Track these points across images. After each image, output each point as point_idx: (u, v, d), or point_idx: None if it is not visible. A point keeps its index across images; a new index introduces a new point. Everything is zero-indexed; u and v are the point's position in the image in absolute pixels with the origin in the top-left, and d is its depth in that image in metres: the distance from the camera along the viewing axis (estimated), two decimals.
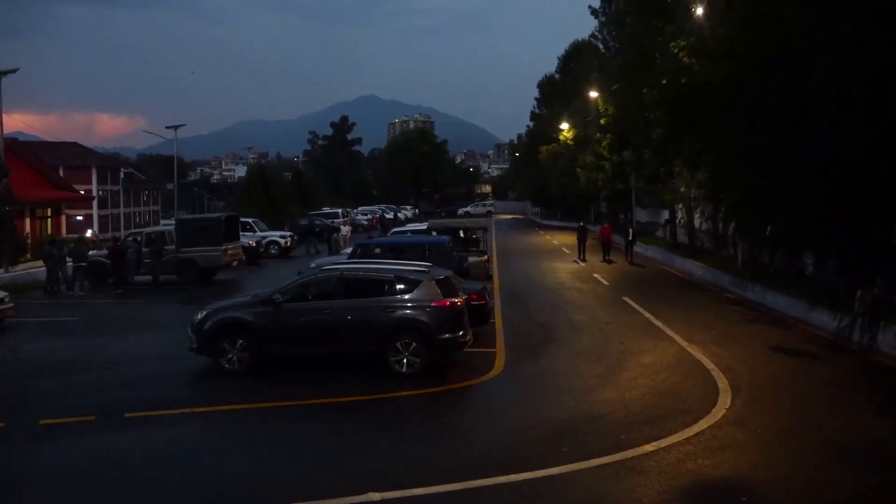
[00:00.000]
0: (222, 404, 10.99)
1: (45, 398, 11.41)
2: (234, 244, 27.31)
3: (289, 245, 35.54)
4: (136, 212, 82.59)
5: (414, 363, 12.04)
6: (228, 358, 12.33)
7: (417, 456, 8.72)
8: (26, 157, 41.18)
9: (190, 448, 9.17)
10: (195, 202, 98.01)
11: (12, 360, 14.41)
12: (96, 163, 74.46)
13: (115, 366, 13.58)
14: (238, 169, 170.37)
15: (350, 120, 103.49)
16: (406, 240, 21.65)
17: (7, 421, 10.08)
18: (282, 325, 12.31)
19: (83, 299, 22.68)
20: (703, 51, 20.25)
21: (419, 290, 12.24)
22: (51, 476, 8.18)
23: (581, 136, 51.26)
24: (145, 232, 28.05)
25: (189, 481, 7.99)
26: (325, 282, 12.89)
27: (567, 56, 64.59)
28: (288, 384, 11.91)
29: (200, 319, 12.63)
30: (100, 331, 17.33)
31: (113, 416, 10.21)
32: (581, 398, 11.06)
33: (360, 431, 9.77)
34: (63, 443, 9.32)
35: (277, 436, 9.69)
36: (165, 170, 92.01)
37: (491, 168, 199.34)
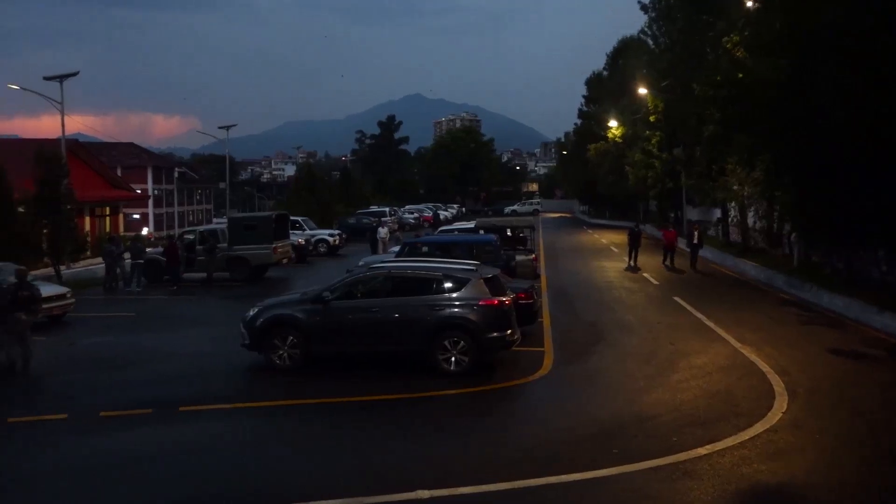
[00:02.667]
0: (272, 400, 11.16)
1: (103, 391, 11.75)
2: (284, 242, 27.73)
3: (337, 243, 35.94)
4: (189, 210, 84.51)
5: (461, 362, 12.04)
6: (279, 354, 12.52)
7: (464, 454, 8.70)
8: (86, 157, 42.52)
9: (241, 442, 9.33)
10: (246, 201, 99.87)
11: (72, 353, 14.89)
12: (152, 163, 76.44)
13: (169, 360, 13.92)
14: (287, 168, 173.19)
15: (397, 119, 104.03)
16: (453, 238, 21.66)
17: (69, 412, 10.42)
18: (330, 323, 12.44)
19: (140, 295, 23.34)
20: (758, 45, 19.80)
21: (467, 289, 12.23)
22: (111, 465, 8.42)
23: (630, 134, 50.60)
24: (199, 230, 28.71)
25: (239, 474, 8.13)
26: (373, 280, 12.99)
27: (615, 52, 63.76)
28: (336, 381, 12.03)
29: (252, 316, 12.86)
30: (155, 326, 17.78)
31: (168, 409, 10.46)
32: (631, 399, 10.90)
33: (407, 429, 9.81)
34: (121, 434, 9.59)
35: (325, 432, 9.80)
36: (218, 169, 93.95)
37: (538, 166, 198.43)
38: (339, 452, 8.86)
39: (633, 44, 56.15)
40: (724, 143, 26.30)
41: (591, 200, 77.83)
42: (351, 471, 8.20)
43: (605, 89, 63.71)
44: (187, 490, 7.67)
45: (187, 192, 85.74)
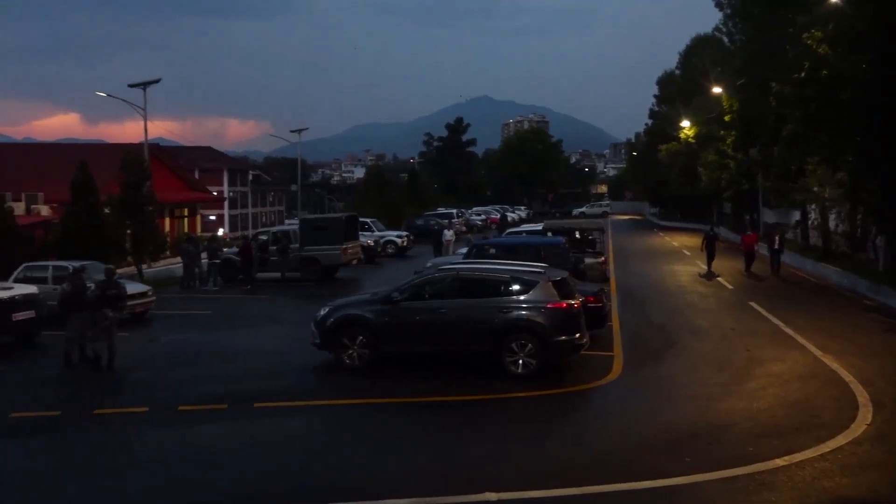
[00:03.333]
0: (341, 398, 11.35)
1: (181, 386, 12.20)
2: (354, 243, 28.17)
3: (405, 244, 36.28)
4: (262, 212, 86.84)
5: (529, 364, 11.97)
6: (348, 353, 12.72)
7: (532, 458, 8.65)
8: (166, 161, 44.24)
9: (312, 439, 9.54)
10: (316, 203, 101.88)
11: (153, 349, 15.51)
12: (227, 166, 78.94)
13: (244, 357, 14.33)
14: (356, 170, 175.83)
15: (464, 121, 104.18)
16: (521, 240, 21.56)
17: (150, 405, 10.86)
18: (399, 323, 12.56)
19: (216, 294, 24.12)
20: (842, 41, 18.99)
21: (535, 291, 12.15)
22: (189, 457, 8.75)
23: (703, 134, 49.24)
24: (272, 231, 29.47)
25: (309, 469, 8.31)
26: (441, 281, 13.06)
27: (688, 51, 62.22)
28: (404, 381, 12.14)
29: (323, 316, 13.11)
30: (230, 324, 18.34)
31: (243, 405, 10.77)
32: (704, 406, 10.61)
33: (474, 431, 9.82)
34: (198, 428, 9.95)
35: (393, 431, 9.90)
36: (289, 172, 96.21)
37: (607, 168, 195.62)
38: (407, 452, 8.94)
39: (707, 41, 54.69)
40: (804, 142, 25.31)
41: (661, 202, 76.20)
42: (418, 470, 8.27)
43: (678, 88, 62.22)
44: (260, 484, 7.87)
45: (261, 194, 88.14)
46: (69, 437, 9.86)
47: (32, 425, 10.25)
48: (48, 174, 35.80)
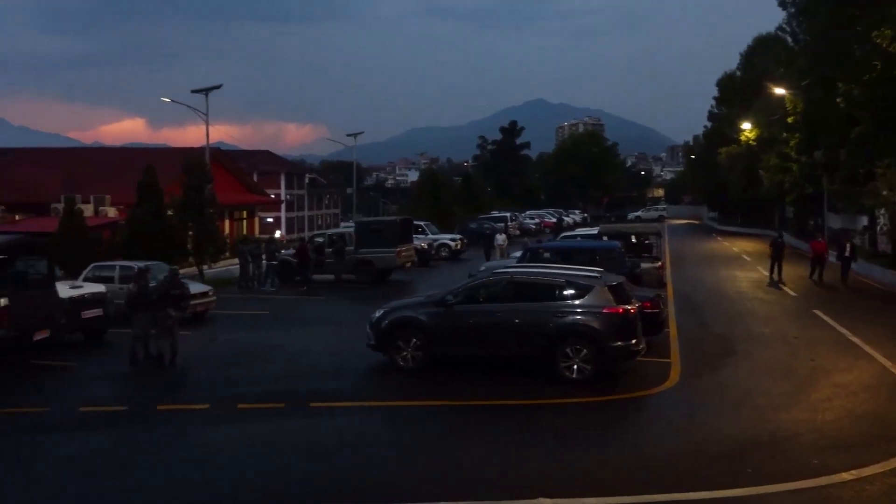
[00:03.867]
0: (396, 399, 11.43)
1: (240, 384, 12.46)
2: (408, 246, 28.34)
3: (458, 248, 36.34)
4: (318, 214, 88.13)
5: (584, 370, 11.84)
6: (402, 355, 12.80)
7: (586, 465, 8.55)
8: (226, 164, 45.35)
9: (366, 439, 9.61)
10: (371, 205, 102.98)
11: (213, 348, 15.89)
12: (285, 169, 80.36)
13: (300, 357, 14.57)
14: (410, 174, 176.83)
15: (519, 124, 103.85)
16: (576, 244, 21.35)
17: (210, 402, 11.13)
18: (453, 326, 12.58)
19: (273, 295, 24.59)
20: None
21: (591, 296, 12.02)
22: (247, 454, 8.91)
23: (765, 136, 47.94)
24: (328, 234, 29.89)
25: (364, 470, 8.37)
26: (495, 285, 13.03)
27: (750, 51, 60.70)
28: (458, 383, 12.14)
29: (377, 318, 13.23)
30: (287, 325, 18.67)
31: (299, 404, 10.95)
32: (765, 416, 10.31)
33: (527, 435, 9.76)
34: (256, 426, 10.14)
35: (447, 434, 9.92)
36: (345, 175, 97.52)
37: (663, 171, 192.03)
38: (461, 455, 8.93)
39: (769, 41, 53.29)
40: (873, 144, 24.40)
41: (720, 206, 74.47)
42: (472, 474, 8.25)
43: (738, 90, 60.76)
44: (318, 482, 7.99)
45: (316, 197, 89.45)
46: (134, 432, 10.18)
47: (100, 419, 10.61)
48: (115, 177, 37.08)
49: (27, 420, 10.63)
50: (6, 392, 12.17)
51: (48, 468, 8.64)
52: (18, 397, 11.81)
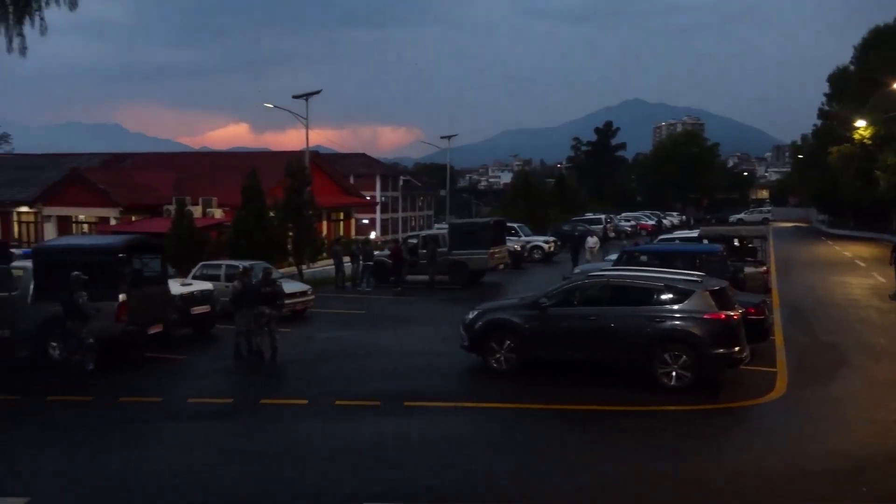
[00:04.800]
0: (489, 401, 11.43)
1: (337, 381, 12.81)
2: (501, 248, 28.32)
3: (552, 250, 36.01)
4: (412, 216, 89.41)
5: (683, 377, 11.48)
6: (496, 357, 12.80)
7: (682, 475, 8.27)
8: (324, 167, 46.62)
9: (459, 439, 9.67)
10: (463, 207, 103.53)
11: (311, 345, 16.40)
12: (380, 171, 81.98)
13: (394, 357, 14.82)
14: (503, 176, 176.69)
15: (614, 125, 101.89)
16: (675, 248, 20.72)
17: (309, 398, 11.49)
18: (547, 329, 12.48)
19: (368, 295, 25.12)
20: None
21: (691, 301, 11.65)
22: (345, 450, 9.16)
23: (881, 134, 45.04)
24: (421, 235, 30.24)
25: (458, 469, 8.43)
26: (591, 288, 12.84)
27: (865, 44, 57.15)
28: (552, 387, 12.04)
29: (471, 319, 13.28)
30: (382, 324, 19.02)
31: (394, 402, 11.14)
32: (882, 432, 9.69)
33: (623, 442, 9.57)
34: (353, 423, 10.39)
35: (540, 437, 9.85)
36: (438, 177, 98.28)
37: (768, 172, 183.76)
38: (553, 459, 8.86)
39: (887, 33, 50.10)
40: None
41: (831, 209, 70.49)
42: (563, 479, 8.17)
43: (852, 85, 57.32)
44: (411, 479, 8.11)
45: (410, 199, 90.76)
46: (240, 424, 10.65)
47: (207, 411, 11.15)
48: (221, 180, 38.84)
49: (144, 409, 11.31)
50: (126, 382, 12.97)
51: (163, 455, 9.16)
52: (136, 387, 12.56)
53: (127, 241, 15.42)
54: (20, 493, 7.68)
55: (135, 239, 16.30)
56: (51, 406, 11.51)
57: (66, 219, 40.89)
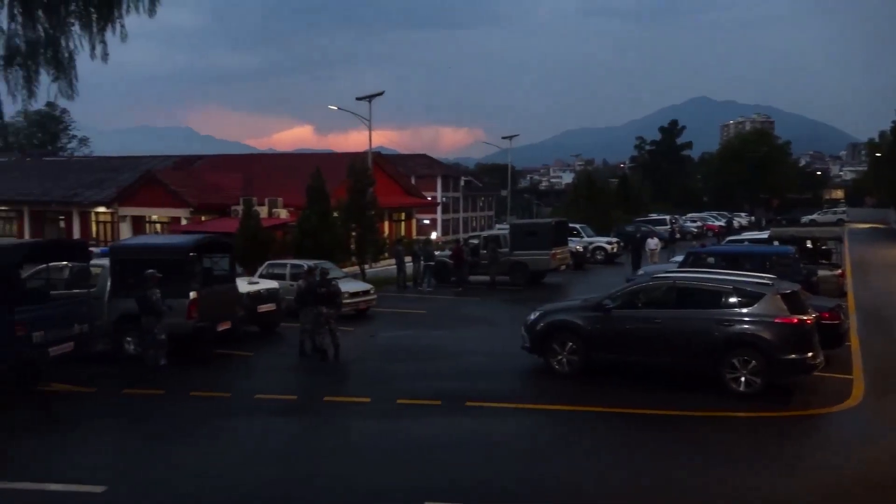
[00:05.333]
0: (550, 403, 11.34)
1: (398, 380, 12.91)
2: (563, 249, 28.07)
3: (614, 251, 35.48)
4: (472, 216, 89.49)
5: (752, 383, 11.15)
6: (558, 359, 12.69)
7: (748, 484, 8.02)
8: (386, 168, 47.10)
9: (520, 441, 9.63)
10: (524, 208, 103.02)
11: (373, 344, 16.58)
12: (441, 172, 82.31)
13: (455, 357, 14.85)
14: (565, 176, 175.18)
15: (679, 124, 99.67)
16: (743, 249, 20.14)
17: (371, 396, 11.62)
18: (610, 331, 12.31)
19: (430, 295, 25.25)
20: None
21: (761, 304, 11.30)
22: (407, 448, 9.24)
23: None
24: (482, 235, 30.23)
25: (518, 470, 8.39)
26: (656, 290, 12.59)
27: None
28: (615, 390, 11.86)
29: (533, 320, 13.20)
30: (443, 324, 19.09)
31: (455, 402, 11.15)
32: None
33: (686, 448, 9.35)
34: (415, 421, 10.45)
35: (602, 441, 9.72)
36: (499, 177, 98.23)
37: (843, 171, 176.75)
38: (616, 464, 8.72)
39: None
40: None
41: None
42: (622, 483, 8.04)
43: None
44: (471, 479, 8.10)
45: (471, 199, 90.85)
46: (304, 421, 10.87)
47: (273, 407, 11.39)
48: (286, 181, 39.68)
49: (214, 403, 11.65)
50: (196, 377, 13.40)
51: (231, 448, 9.42)
52: (206, 382, 12.96)
53: (197, 241, 15.90)
54: (98, 481, 8.01)
55: (205, 238, 16.79)
56: (126, 398, 11.97)
57: (140, 218, 42.51)
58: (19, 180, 49.70)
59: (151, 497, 7.75)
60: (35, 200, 46.42)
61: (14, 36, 6.98)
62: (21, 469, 8.61)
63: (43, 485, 7.93)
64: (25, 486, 7.94)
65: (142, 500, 7.68)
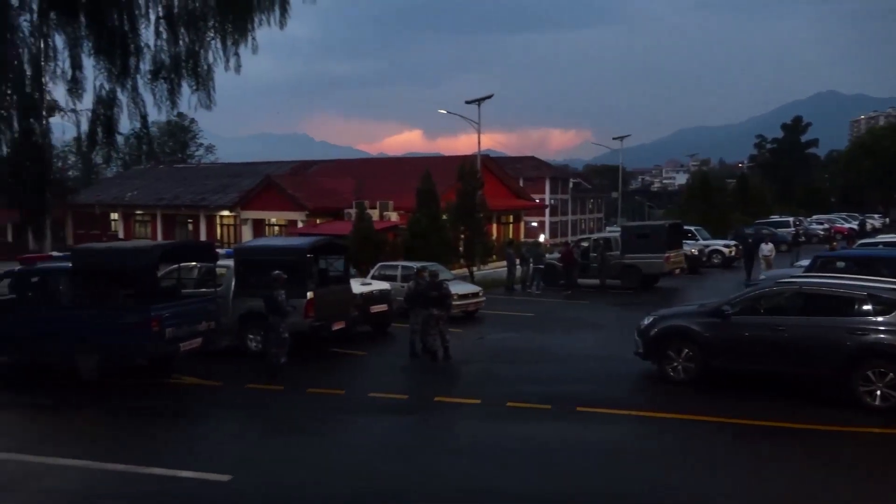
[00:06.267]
0: (664, 411, 10.98)
1: (508, 382, 12.89)
2: (677, 252, 27.19)
3: (732, 254, 33.99)
4: (581, 219, 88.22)
5: (889, 397, 10.37)
6: (673, 366, 12.29)
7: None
8: (495, 170, 47.21)
9: (628, 447, 9.38)
10: (635, 209, 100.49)
11: (482, 346, 16.65)
12: (549, 174, 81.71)
13: (564, 360, 14.69)
14: (678, 176, 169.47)
15: (804, 120, 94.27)
16: (879, 253, 18.78)
17: (481, 398, 11.67)
18: (729, 338, 11.79)
19: (538, 297, 25.09)
20: None
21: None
22: (520, 451, 9.21)
23: None
24: (592, 238, 29.74)
25: (619, 477, 8.17)
26: (780, 295, 11.94)
27: None
28: (732, 400, 11.34)
29: (647, 325, 12.85)
30: (552, 327, 18.91)
31: (566, 407, 11.02)
32: None
33: (809, 463, 8.79)
34: (525, 425, 10.41)
35: (721, 453, 9.31)
36: (609, 179, 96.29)
37: None
38: (725, 475, 8.34)
39: None
40: None
41: None
42: (731, 497, 7.67)
43: None
44: (575, 485, 7.98)
45: (580, 201, 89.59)
46: (416, 420, 11.05)
47: (386, 405, 11.67)
48: (396, 184, 40.57)
49: (329, 400, 12.06)
50: (313, 375, 13.92)
51: (347, 444, 9.72)
52: (321, 380, 13.44)
53: (314, 243, 16.52)
54: (224, 470, 8.47)
55: (321, 240, 17.41)
56: (249, 393, 12.59)
57: (260, 221, 44.68)
58: (153, 186, 53.45)
59: (274, 487, 8.10)
60: (167, 205, 49.77)
61: (160, 52, 7.58)
62: (155, 455, 9.22)
63: (175, 471, 8.46)
64: (160, 471, 8.50)
65: (265, 489, 8.05)
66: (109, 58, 7.30)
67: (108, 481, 8.36)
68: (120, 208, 52.19)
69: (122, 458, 8.93)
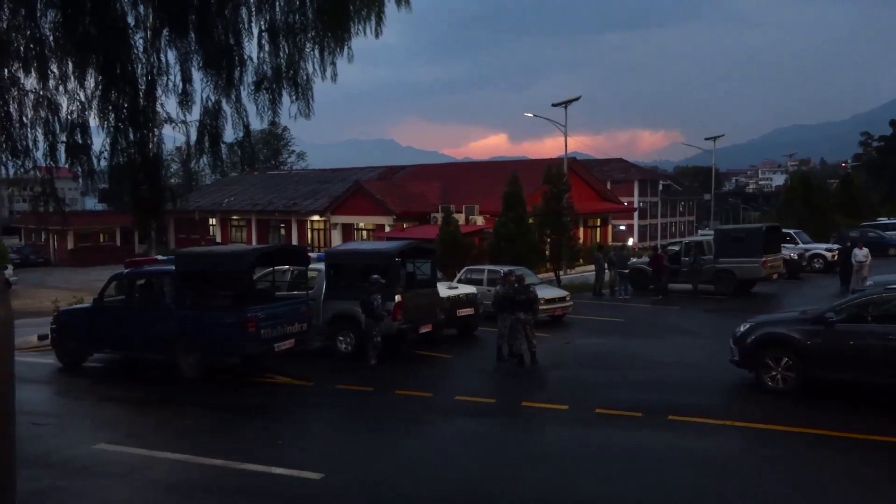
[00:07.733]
0: (762, 422, 10.50)
1: (596, 388, 12.68)
2: (775, 256, 26.03)
3: (835, 259, 32.22)
4: (671, 222, 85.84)
5: None
6: (771, 375, 11.77)
7: None
8: (581, 173, 46.64)
9: (721, 459, 9.02)
10: (729, 212, 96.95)
11: (569, 351, 16.44)
12: (637, 176, 79.97)
13: (654, 367, 14.30)
14: (775, 178, 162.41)
15: None
16: None
17: (569, 404, 11.53)
18: (833, 347, 11.20)
19: (626, 303, 24.57)
20: None
21: None
22: (609, 459, 9.03)
23: None
24: (684, 242, 28.88)
25: (709, 489, 7.87)
26: (889, 302, 11.26)
27: None
28: (835, 412, 10.73)
29: (743, 333, 12.36)
30: (641, 333, 18.47)
31: (657, 415, 10.73)
32: None
33: None
34: (615, 432, 10.20)
35: (820, 466, 8.81)
36: (700, 180, 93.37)
37: None
38: (826, 493, 7.89)
39: None
40: None
41: None
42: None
43: None
44: (662, 495, 7.76)
45: (670, 204, 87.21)
46: (505, 423, 11.01)
47: (474, 408, 11.69)
48: (481, 188, 40.67)
49: (417, 402, 12.20)
50: (401, 376, 14.13)
51: (435, 445, 9.82)
52: (409, 381, 13.62)
53: (402, 247, 16.77)
54: (315, 468, 8.70)
55: (409, 244, 17.65)
56: (339, 393, 12.90)
57: (349, 226, 45.74)
58: (248, 192, 55.61)
59: (364, 485, 8.26)
60: (261, 210, 51.68)
61: (262, 64, 7.90)
62: (249, 451, 9.56)
63: (268, 467, 8.75)
64: (254, 467, 8.81)
65: (356, 487, 8.22)
66: (216, 70, 7.67)
67: (206, 475, 8.74)
68: (217, 214, 54.56)
69: (219, 454, 9.31)
